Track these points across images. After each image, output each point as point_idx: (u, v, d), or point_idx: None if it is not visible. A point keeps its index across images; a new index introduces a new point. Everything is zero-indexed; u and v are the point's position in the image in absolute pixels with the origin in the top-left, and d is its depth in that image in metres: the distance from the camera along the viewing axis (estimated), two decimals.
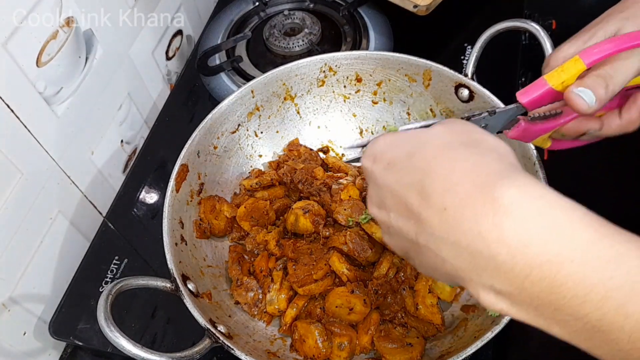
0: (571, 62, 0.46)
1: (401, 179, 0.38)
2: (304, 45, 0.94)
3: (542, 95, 0.48)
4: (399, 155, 0.39)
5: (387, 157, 0.40)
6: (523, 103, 0.48)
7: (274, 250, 0.70)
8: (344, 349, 0.63)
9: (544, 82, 0.47)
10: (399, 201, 0.39)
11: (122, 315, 0.72)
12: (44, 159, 0.70)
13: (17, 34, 0.61)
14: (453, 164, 0.36)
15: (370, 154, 0.42)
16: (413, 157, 0.38)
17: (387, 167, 0.40)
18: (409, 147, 0.39)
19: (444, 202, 0.35)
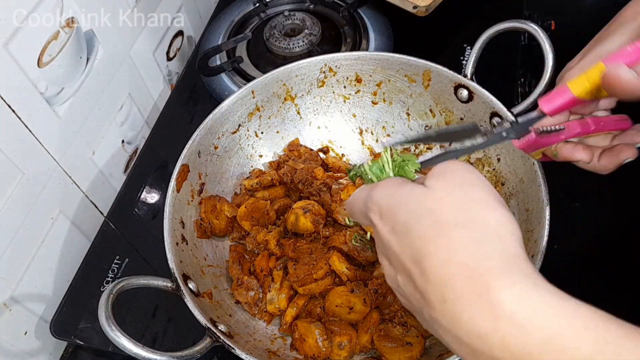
0: (595, 70, 0.45)
1: (404, 251, 0.37)
2: (304, 45, 0.94)
3: (565, 103, 0.47)
4: (400, 222, 0.38)
5: (391, 220, 0.39)
6: (546, 112, 0.47)
7: (274, 250, 0.70)
8: (344, 348, 0.63)
9: (568, 91, 0.46)
10: (404, 270, 0.38)
11: (123, 314, 0.72)
12: (45, 159, 0.71)
13: (18, 34, 0.61)
14: (448, 254, 0.34)
15: (376, 207, 0.41)
16: (410, 233, 0.37)
17: (392, 231, 0.39)
18: (404, 217, 0.38)
19: (444, 295, 0.34)
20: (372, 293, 0.66)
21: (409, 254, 0.37)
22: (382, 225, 0.40)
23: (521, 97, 0.90)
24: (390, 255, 0.40)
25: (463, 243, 0.34)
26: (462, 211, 0.36)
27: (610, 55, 0.45)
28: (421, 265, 0.35)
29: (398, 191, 0.40)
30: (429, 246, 0.35)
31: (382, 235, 0.40)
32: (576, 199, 0.76)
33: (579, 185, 0.78)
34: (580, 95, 0.46)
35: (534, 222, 0.63)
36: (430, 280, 0.35)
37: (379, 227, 0.40)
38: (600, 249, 0.73)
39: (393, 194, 0.40)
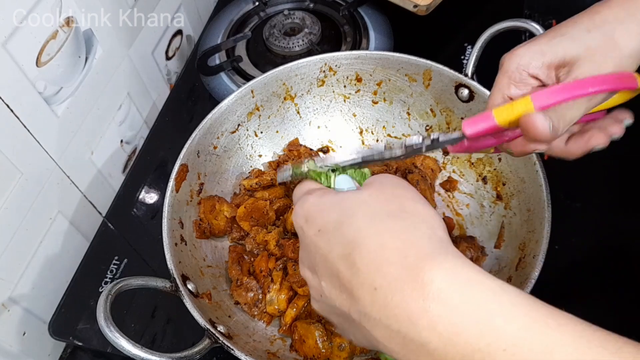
0: (522, 103, 0.46)
1: (332, 250, 0.37)
2: (304, 45, 0.94)
3: (488, 129, 0.47)
4: (329, 223, 0.38)
5: (318, 222, 0.39)
6: (468, 135, 0.48)
7: (274, 251, 0.70)
8: (344, 350, 0.63)
9: (492, 118, 0.47)
10: (330, 272, 0.38)
11: (122, 315, 0.72)
12: (44, 159, 0.70)
13: (17, 33, 0.61)
14: (381, 239, 0.35)
15: (301, 213, 0.41)
16: (342, 227, 0.37)
17: (319, 234, 0.39)
18: (338, 214, 0.38)
19: (374, 282, 0.34)
20: None
21: (338, 250, 0.37)
22: (307, 228, 0.40)
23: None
24: (314, 260, 0.39)
25: (394, 229, 0.35)
26: (393, 203, 0.38)
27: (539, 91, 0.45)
28: (351, 258, 0.36)
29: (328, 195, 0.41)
30: (361, 236, 0.36)
31: (307, 239, 0.40)
32: (578, 199, 0.75)
33: (581, 186, 0.78)
34: (502, 124, 0.47)
35: (535, 222, 0.63)
36: (361, 270, 0.35)
37: (305, 230, 0.40)
38: (602, 250, 0.72)
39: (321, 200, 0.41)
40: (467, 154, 0.76)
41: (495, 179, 0.73)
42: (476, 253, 0.69)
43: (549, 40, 0.48)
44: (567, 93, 0.45)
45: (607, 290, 0.69)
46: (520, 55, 0.49)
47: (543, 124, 0.44)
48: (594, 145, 0.51)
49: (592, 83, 0.45)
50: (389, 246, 0.35)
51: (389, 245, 0.35)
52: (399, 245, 0.34)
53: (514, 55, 0.50)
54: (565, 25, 0.49)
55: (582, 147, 0.52)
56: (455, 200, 0.77)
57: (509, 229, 0.69)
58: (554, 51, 0.48)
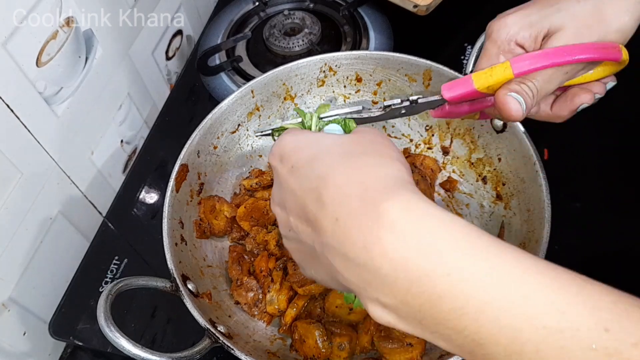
0: (500, 68, 0.46)
1: (302, 184, 0.39)
2: (304, 45, 0.94)
3: (466, 93, 0.48)
4: (303, 159, 0.40)
5: (292, 159, 0.41)
6: (446, 98, 0.49)
7: (274, 251, 0.70)
8: (344, 349, 0.63)
9: (470, 82, 0.48)
10: (298, 206, 0.39)
11: (122, 315, 0.72)
12: (44, 159, 0.70)
13: (17, 34, 0.61)
14: (348, 174, 0.37)
15: (277, 152, 0.43)
16: (314, 163, 0.39)
17: (291, 170, 0.40)
18: (312, 151, 0.40)
19: (336, 213, 0.35)
20: None
21: (307, 185, 0.38)
22: (281, 167, 0.42)
23: None
24: (285, 196, 0.41)
25: (364, 166, 0.37)
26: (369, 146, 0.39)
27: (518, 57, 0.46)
28: (318, 191, 0.37)
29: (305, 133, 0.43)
30: (330, 172, 0.37)
31: (280, 176, 0.42)
32: (577, 199, 0.75)
33: (581, 186, 0.78)
34: (481, 89, 0.48)
35: (535, 222, 0.63)
36: (326, 203, 0.36)
37: (278, 169, 0.42)
38: (602, 250, 0.72)
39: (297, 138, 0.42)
40: (467, 155, 0.76)
41: (495, 179, 0.73)
42: None
43: (538, 11, 0.48)
44: (546, 59, 0.45)
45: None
46: (510, 25, 0.49)
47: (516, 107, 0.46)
48: (580, 103, 0.51)
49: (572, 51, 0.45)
50: (353, 181, 0.36)
51: (354, 180, 0.36)
52: (363, 180, 0.36)
53: (503, 25, 0.50)
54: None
55: (568, 107, 0.52)
56: (455, 200, 0.77)
57: (508, 229, 0.69)
58: (542, 24, 0.48)
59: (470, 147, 0.76)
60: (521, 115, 0.47)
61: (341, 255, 0.35)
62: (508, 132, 0.69)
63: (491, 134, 0.72)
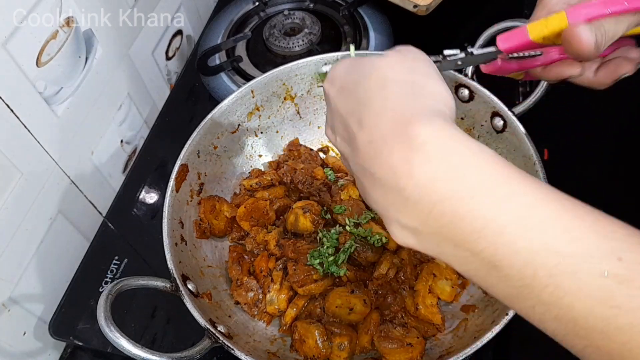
0: (556, 18, 0.45)
1: (346, 105, 0.40)
2: (304, 45, 0.94)
3: (521, 44, 0.48)
4: (349, 82, 0.41)
5: (341, 82, 0.42)
6: (502, 49, 0.49)
7: (274, 251, 0.70)
8: (344, 349, 0.63)
9: (525, 33, 0.47)
10: (343, 126, 0.40)
11: (122, 315, 0.72)
12: (44, 159, 0.70)
13: (17, 34, 0.61)
14: (387, 99, 0.37)
15: (330, 77, 0.44)
16: (358, 86, 0.40)
17: (339, 91, 0.42)
18: (358, 74, 0.41)
19: (371, 135, 0.37)
20: (372, 294, 0.66)
21: (350, 107, 0.40)
22: (331, 89, 0.43)
23: (522, 97, 0.90)
24: (334, 118, 0.42)
25: (400, 95, 0.37)
26: (407, 74, 0.39)
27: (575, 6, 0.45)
28: (358, 114, 0.38)
29: (355, 60, 0.43)
30: (370, 96, 0.38)
31: (330, 98, 0.43)
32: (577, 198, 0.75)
33: (580, 186, 0.78)
34: (536, 39, 0.47)
35: None
36: (363, 125, 0.37)
37: (329, 91, 0.43)
38: None
39: (349, 63, 0.43)
40: None
41: None
42: None
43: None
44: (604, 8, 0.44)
45: None
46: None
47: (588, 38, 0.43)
48: (622, 73, 0.51)
49: None
50: (390, 107, 0.37)
51: (391, 107, 0.37)
52: (400, 108, 0.36)
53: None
54: None
55: (611, 76, 0.52)
56: None
57: None
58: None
59: None
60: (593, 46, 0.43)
61: (369, 175, 0.36)
62: (508, 132, 0.68)
63: (491, 134, 0.72)
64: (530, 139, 0.65)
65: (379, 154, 0.35)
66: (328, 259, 0.66)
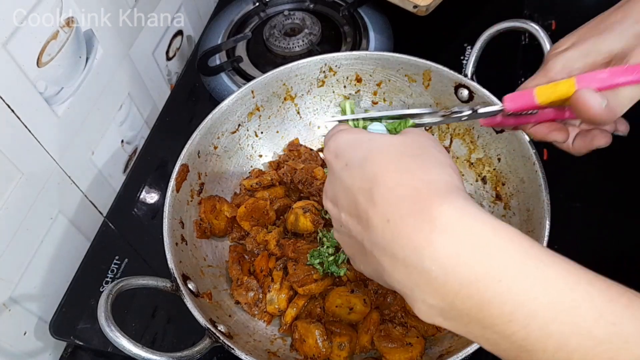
0: (565, 84, 0.45)
1: (355, 182, 0.40)
2: (304, 45, 0.94)
3: (527, 106, 0.48)
4: (356, 158, 0.40)
5: (346, 157, 0.41)
6: (508, 109, 0.49)
7: (274, 250, 0.70)
8: (344, 349, 0.63)
9: (533, 96, 0.47)
10: (351, 202, 0.40)
11: (123, 315, 0.72)
12: (45, 159, 0.70)
13: (18, 34, 0.61)
14: (400, 176, 0.37)
15: (332, 148, 0.43)
16: (366, 163, 0.39)
17: (345, 167, 0.41)
18: (365, 151, 0.40)
19: (387, 214, 0.36)
20: (372, 293, 0.66)
21: (359, 184, 0.39)
22: (335, 163, 0.42)
23: None
24: (337, 193, 0.42)
25: (413, 169, 0.37)
26: (419, 150, 0.40)
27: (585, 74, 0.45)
28: (370, 191, 0.38)
29: (360, 133, 0.43)
30: (381, 172, 0.38)
31: (335, 172, 0.42)
32: (577, 199, 0.76)
33: (580, 186, 0.78)
34: (543, 103, 0.47)
35: (534, 222, 0.63)
36: (377, 203, 0.37)
37: (333, 165, 0.43)
38: (601, 250, 0.72)
39: (354, 137, 0.43)
40: (467, 155, 0.76)
41: (495, 179, 0.73)
42: None
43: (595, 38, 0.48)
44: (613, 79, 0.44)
45: None
46: (567, 58, 0.49)
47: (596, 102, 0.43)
48: (597, 145, 0.52)
49: None
50: (405, 184, 0.36)
51: (406, 183, 0.36)
52: (415, 184, 0.36)
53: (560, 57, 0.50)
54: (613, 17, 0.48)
55: (587, 146, 0.53)
56: None
57: None
58: (598, 50, 0.48)
59: (470, 147, 0.76)
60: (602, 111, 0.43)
61: (390, 255, 0.36)
62: (508, 132, 0.69)
63: (491, 134, 0.72)
64: (530, 139, 0.65)
65: (399, 233, 0.35)
66: (328, 259, 0.66)
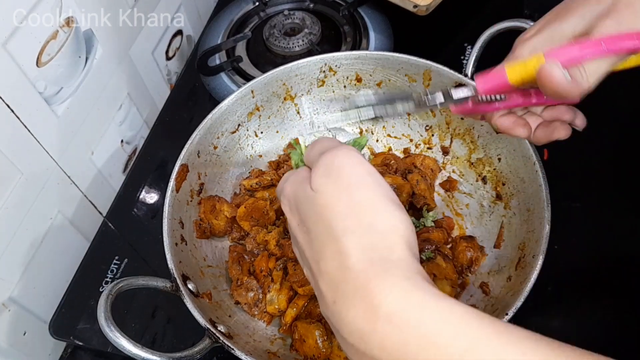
0: (534, 60, 0.45)
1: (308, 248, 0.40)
2: (304, 45, 0.94)
3: (499, 85, 0.48)
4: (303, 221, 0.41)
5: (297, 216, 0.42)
6: (480, 90, 0.49)
7: (274, 250, 0.70)
8: None
9: (504, 75, 0.47)
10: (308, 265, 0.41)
11: (122, 315, 0.72)
12: (44, 159, 0.70)
13: (17, 34, 0.61)
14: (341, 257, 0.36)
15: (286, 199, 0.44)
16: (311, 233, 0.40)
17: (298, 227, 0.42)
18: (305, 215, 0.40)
19: (333, 295, 0.36)
20: None
21: (309, 253, 0.40)
22: (291, 218, 0.43)
23: None
24: (299, 247, 0.43)
25: (352, 249, 0.36)
26: (350, 217, 0.38)
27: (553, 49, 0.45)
28: (318, 265, 0.38)
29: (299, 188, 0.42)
30: (323, 250, 0.38)
31: (292, 228, 0.43)
32: (577, 199, 0.75)
33: (580, 186, 0.78)
34: (514, 82, 0.47)
35: (535, 222, 0.63)
36: (325, 280, 0.37)
37: (289, 218, 0.43)
38: (601, 250, 0.72)
39: (296, 191, 0.42)
40: (467, 155, 0.76)
41: (495, 179, 0.73)
42: (476, 253, 0.69)
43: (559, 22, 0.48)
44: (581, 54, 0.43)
45: (606, 289, 0.69)
46: (534, 43, 0.49)
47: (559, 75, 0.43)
48: (557, 137, 0.53)
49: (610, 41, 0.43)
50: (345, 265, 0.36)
51: (345, 265, 0.36)
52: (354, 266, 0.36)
53: (527, 43, 0.50)
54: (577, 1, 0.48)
55: (548, 137, 0.53)
56: (455, 200, 0.77)
57: (508, 228, 0.69)
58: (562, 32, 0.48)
59: (470, 147, 0.76)
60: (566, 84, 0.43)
61: (340, 337, 0.36)
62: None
63: (491, 134, 0.72)
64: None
65: (345, 317, 0.35)
66: None
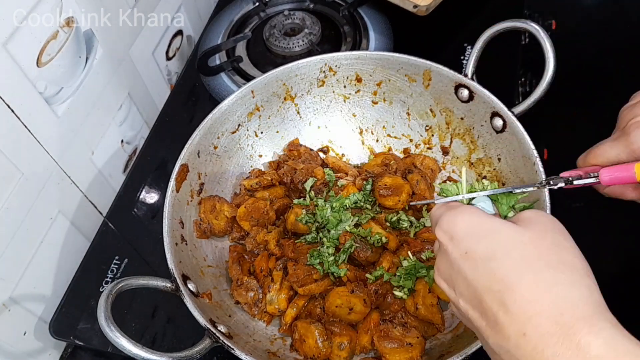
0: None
1: (479, 278, 0.39)
2: (304, 45, 0.94)
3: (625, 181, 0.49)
4: (478, 251, 0.39)
5: (465, 245, 0.40)
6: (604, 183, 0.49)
7: (274, 250, 0.70)
8: (344, 349, 0.63)
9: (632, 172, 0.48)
10: (473, 296, 0.39)
11: (123, 315, 0.72)
12: (44, 159, 0.70)
13: (18, 34, 0.61)
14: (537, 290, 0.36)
15: (447, 230, 0.42)
16: (492, 262, 0.38)
17: (465, 256, 0.40)
18: (489, 245, 0.39)
19: (524, 328, 0.35)
20: (372, 293, 0.66)
21: (485, 283, 0.38)
22: (452, 247, 0.41)
23: (522, 97, 0.90)
24: (456, 279, 0.41)
25: (553, 283, 0.36)
26: (553, 254, 0.38)
27: None
28: (501, 296, 0.37)
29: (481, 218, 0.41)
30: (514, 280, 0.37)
31: (451, 257, 0.41)
32: (578, 199, 0.75)
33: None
34: None
35: None
36: (512, 312, 0.36)
37: (449, 248, 0.41)
38: (602, 250, 0.72)
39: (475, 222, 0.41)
40: (467, 155, 0.76)
41: (495, 179, 0.73)
42: None
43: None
44: None
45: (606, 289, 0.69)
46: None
47: None
48: None
49: None
50: (544, 299, 0.35)
51: (544, 298, 0.35)
52: (555, 301, 0.35)
53: None
54: None
55: None
56: None
57: None
58: None
59: (470, 147, 0.76)
60: None
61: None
62: (508, 132, 0.69)
63: (491, 134, 0.72)
64: (530, 139, 0.65)
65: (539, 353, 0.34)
66: (328, 259, 0.66)
